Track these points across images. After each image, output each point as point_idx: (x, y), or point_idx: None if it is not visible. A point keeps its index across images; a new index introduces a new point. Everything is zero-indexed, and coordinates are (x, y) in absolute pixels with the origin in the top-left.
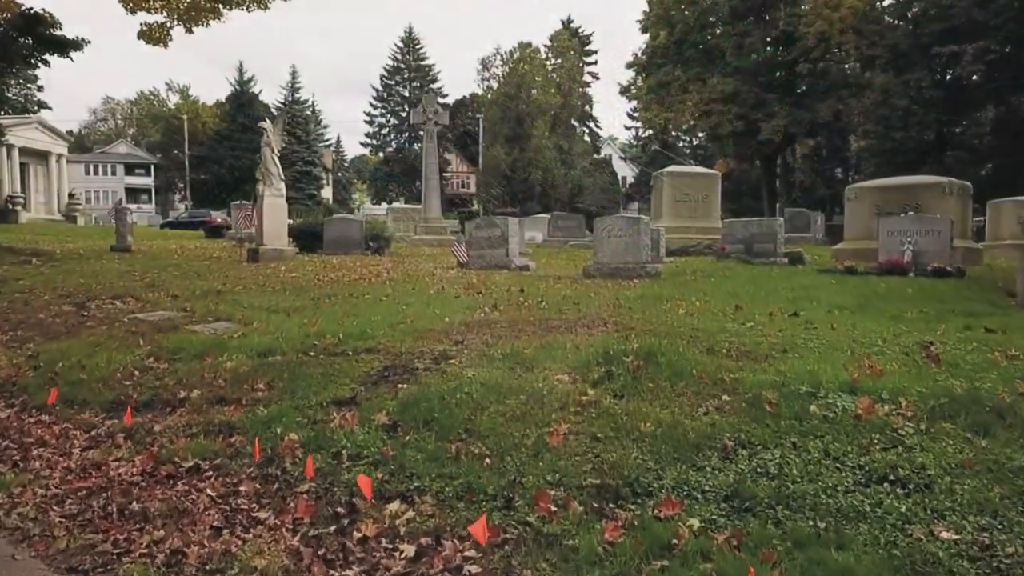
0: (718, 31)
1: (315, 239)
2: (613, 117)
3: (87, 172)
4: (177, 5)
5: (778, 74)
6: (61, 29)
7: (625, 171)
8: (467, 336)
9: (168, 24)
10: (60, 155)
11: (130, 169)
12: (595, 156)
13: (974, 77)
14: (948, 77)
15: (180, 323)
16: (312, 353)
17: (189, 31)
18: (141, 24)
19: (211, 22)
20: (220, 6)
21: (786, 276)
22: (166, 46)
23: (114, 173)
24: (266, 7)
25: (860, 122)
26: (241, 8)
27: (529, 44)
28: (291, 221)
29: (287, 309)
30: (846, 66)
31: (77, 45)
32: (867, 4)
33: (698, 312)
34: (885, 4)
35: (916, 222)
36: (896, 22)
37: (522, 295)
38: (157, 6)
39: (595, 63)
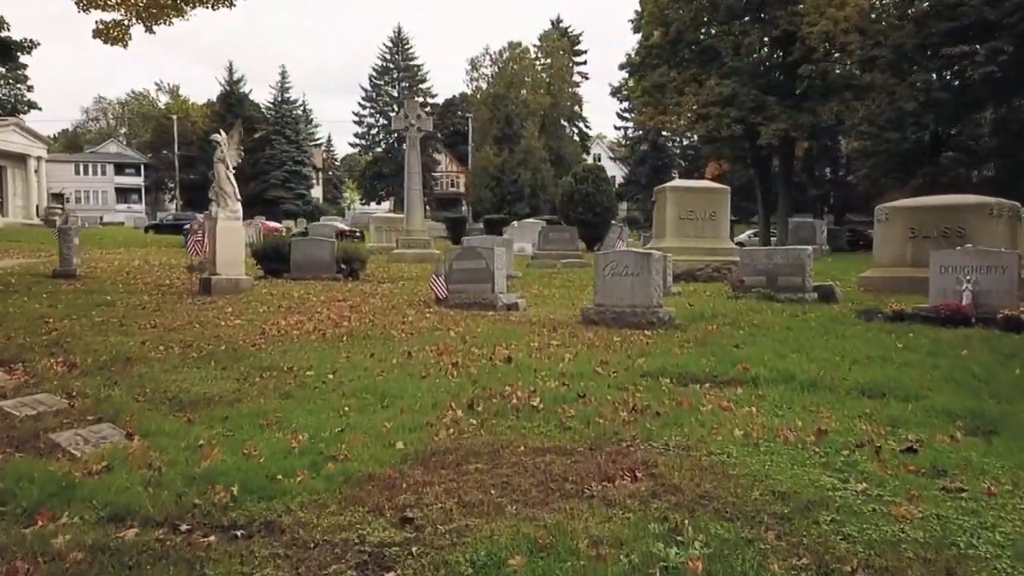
0: (713, 31)
1: (282, 261)
2: (603, 116)
3: (77, 172)
4: (135, 2)
5: (778, 76)
6: (8, 30)
7: (615, 170)
8: (422, 495)
9: (126, 22)
10: (39, 158)
11: (120, 169)
12: (585, 157)
13: (975, 78)
14: (949, 78)
15: (47, 426)
16: (184, 526)
17: (149, 30)
18: (96, 22)
19: (174, 20)
20: (183, 4)
21: (830, 327)
22: (125, 46)
23: (104, 173)
24: (232, 5)
25: (857, 124)
26: (205, 6)
27: (519, 44)
28: (284, 225)
29: (196, 401)
30: (838, 69)
31: (23, 47)
32: (871, 2)
33: (761, 433)
34: (884, 1)
35: (975, 256)
36: (897, 21)
37: (509, 369)
38: (112, 3)
39: (584, 63)
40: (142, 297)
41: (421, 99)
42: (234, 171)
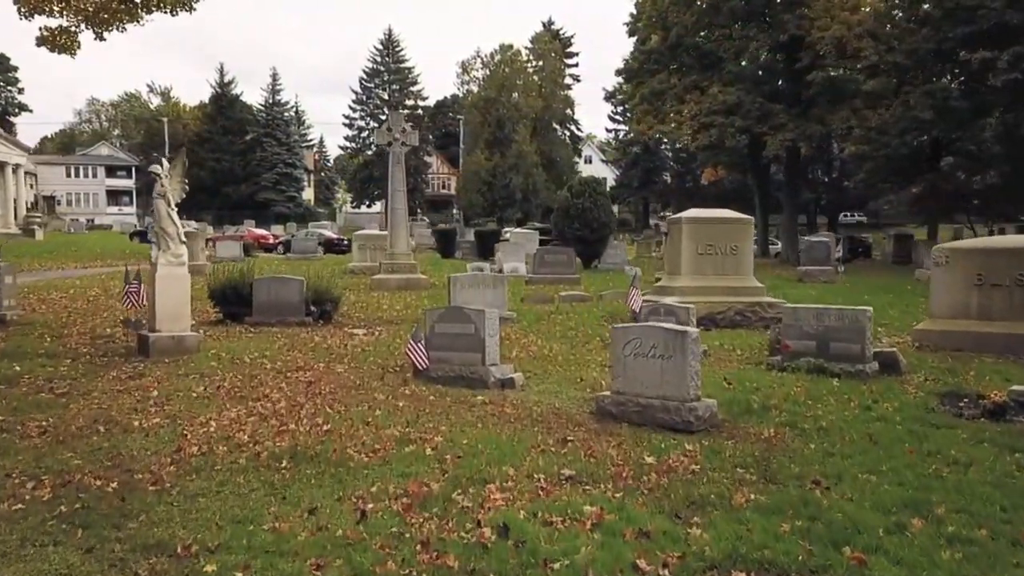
0: (715, 34)
1: (243, 303)
2: (593, 115)
3: (68, 174)
4: (84, 7)
5: (780, 83)
6: None
7: (606, 172)
8: None
9: (73, 29)
10: (18, 165)
11: (111, 171)
12: (577, 160)
13: (996, 85)
14: (958, 84)
15: None
16: None
17: (100, 37)
18: (41, 29)
19: (128, 26)
20: (138, 9)
21: (923, 435)
22: (74, 55)
23: (95, 175)
24: (192, 9)
25: (866, 133)
26: (163, 11)
27: (510, 46)
28: (271, 232)
29: None
30: (834, 72)
31: None
32: (886, 6)
33: None
34: (892, 2)
35: None
36: (907, 24)
37: (502, 554)
38: (57, 8)
39: (576, 65)
40: (62, 364)
41: (412, 102)
42: (176, 208)
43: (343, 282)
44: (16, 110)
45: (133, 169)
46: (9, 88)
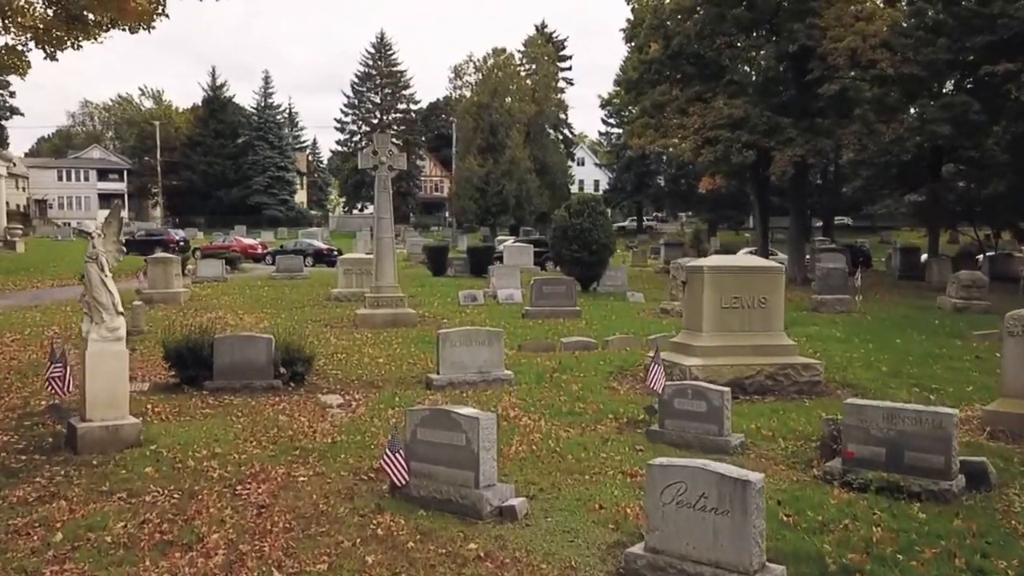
0: (717, 41)
1: (202, 365)
2: (584, 113)
3: (60, 178)
4: (33, 25)
5: (786, 93)
6: None
7: (599, 175)
8: None
9: (20, 47)
10: None
11: (103, 175)
12: (570, 164)
13: (1021, 98)
14: (963, 92)
15: None
16: None
17: (51, 57)
18: None
19: (84, 43)
20: (93, 28)
21: None
22: (23, 75)
23: (87, 179)
24: (151, 28)
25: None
26: (121, 29)
27: (503, 50)
28: (259, 242)
29: None
30: (845, 84)
31: None
32: (903, 15)
33: None
34: (904, 7)
35: None
36: (920, 33)
37: None
38: (1, 27)
39: (570, 68)
40: None
41: (404, 105)
42: (110, 276)
43: (326, 313)
44: (8, 114)
45: (125, 172)
46: (0, 92)
